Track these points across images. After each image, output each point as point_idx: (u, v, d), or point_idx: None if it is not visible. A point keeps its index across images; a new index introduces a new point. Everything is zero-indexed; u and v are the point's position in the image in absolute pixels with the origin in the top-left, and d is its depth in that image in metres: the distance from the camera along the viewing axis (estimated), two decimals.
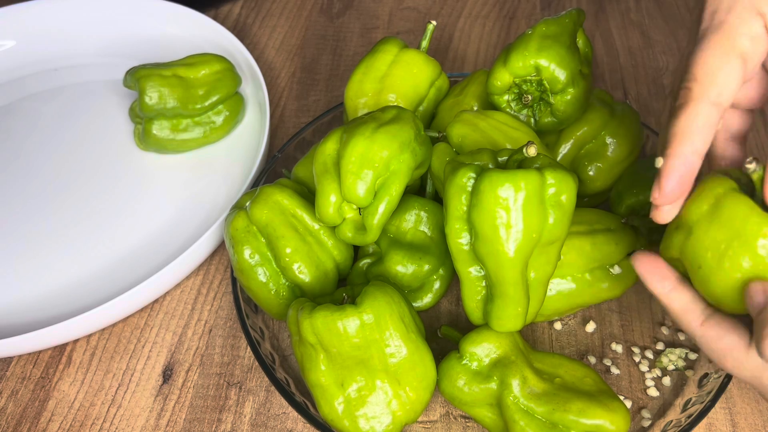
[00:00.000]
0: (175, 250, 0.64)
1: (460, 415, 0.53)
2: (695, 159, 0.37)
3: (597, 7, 0.87)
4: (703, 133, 0.37)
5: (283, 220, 0.53)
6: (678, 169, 0.37)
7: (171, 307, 0.61)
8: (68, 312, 0.60)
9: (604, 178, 0.59)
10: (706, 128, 0.37)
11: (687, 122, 0.37)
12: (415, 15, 0.88)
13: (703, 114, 0.37)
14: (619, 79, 0.78)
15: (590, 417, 0.45)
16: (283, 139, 0.74)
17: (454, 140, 0.54)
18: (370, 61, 0.61)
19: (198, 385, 0.56)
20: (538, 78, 0.55)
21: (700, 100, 0.37)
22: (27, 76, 0.81)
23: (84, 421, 0.55)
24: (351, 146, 0.49)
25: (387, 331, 0.47)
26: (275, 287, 0.53)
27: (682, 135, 0.37)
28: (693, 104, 0.37)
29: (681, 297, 0.40)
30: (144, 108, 0.66)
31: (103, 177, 0.70)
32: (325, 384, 0.47)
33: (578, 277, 0.53)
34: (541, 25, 0.56)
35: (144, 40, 0.82)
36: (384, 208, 0.49)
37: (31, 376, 0.58)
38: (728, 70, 0.37)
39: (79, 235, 0.66)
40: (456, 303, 0.60)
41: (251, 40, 0.86)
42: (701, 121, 0.37)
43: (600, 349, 0.56)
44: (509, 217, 0.42)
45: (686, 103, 0.37)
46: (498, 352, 0.48)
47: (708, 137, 0.37)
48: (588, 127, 0.58)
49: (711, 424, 0.52)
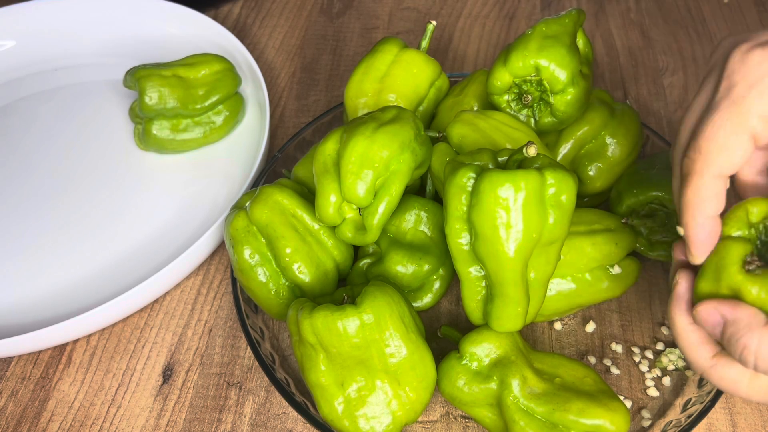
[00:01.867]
0: (175, 250, 0.64)
1: (460, 415, 0.53)
2: (711, 222, 0.39)
3: (597, 7, 0.87)
4: (711, 200, 0.38)
5: (283, 220, 0.53)
6: (699, 235, 0.39)
7: (171, 307, 0.61)
8: (68, 312, 0.60)
9: (604, 178, 0.59)
10: (713, 196, 0.38)
11: (693, 195, 0.38)
12: (415, 15, 0.88)
13: (707, 186, 0.38)
14: (619, 79, 0.78)
15: (590, 417, 0.45)
16: (283, 139, 0.74)
17: (454, 140, 0.54)
18: (370, 61, 0.61)
19: (198, 385, 0.56)
20: (538, 78, 0.55)
21: (703, 174, 0.38)
22: (27, 76, 0.81)
23: (84, 421, 0.55)
24: (351, 146, 0.49)
25: (387, 331, 0.47)
26: (275, 287, 0.53)
27: (693, 206, 0.39)
28: (696, 178, 0.38)
29: (696, 333, 0.40)
30: (144, 108, 0.66)
31: (102, 177, 0.70)
32: (325, 384, 0.47)
33: (578, 277, 0.53)
34: (541, 25, 0.56)
35: (144, 40, 0.82)
36: (384, 208, 0.49)
37: (31, 376, 0.58)
38: (735, 148, 0.37)
39: (78, 235, 0.66)
40: (456, 303, 0.60)
41: (251, 40, 0.86)
42: (706, 193, 0.38)
43: (600, 349, 0.56)
44: (509, 217, 0.42)
45: (690, 176, 0.39)
46: (498, 352, 0.48)
47: (718, 202, 0.39)
48: (588, 127, 0.58)
49: (711, 424, 0.52)
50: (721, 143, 0.37)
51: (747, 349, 0.35)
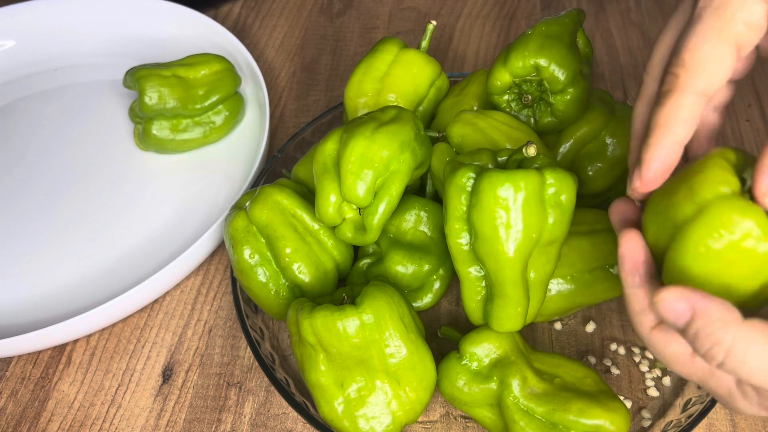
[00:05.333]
0: (175, 250, 0.64)
1: (460, 415, 0.53)
2: (677, 149, 0.36)
3: (597, 7, 0.87)
4: (687, 124, 0.36)
5: (283, 220, 0.53)
6: (659, 159, 0.36)
7: (171, 307, 0.61)
8: (68, 312, 0.60)
9: (604, 178, 0.59)
10: (690, 119, 0.36)
11: (671, 112, 0.36)
12: (415, 15, 0.88)
13: (689, 104, 0.35)
14: (619, 79, 0.78)
15: (590, 417, 0.45)
16: (283, 139, 0.74)
17: (454, 140, 0.54)
18: (370, 61, 0.61)
19: (198, 385, 0.56)
20: (538, 78, 0.55)
21: (686, 90, 0.35)
22: (27, 76, 0.81)
23: (84, 421, 0.55)
24: (351, 146, 0.49)
25: (387, 331, 0.47)
26: (275, 287, 0.53)
27: (666, 125, 0.36)
28: (678, 94, 0.36)
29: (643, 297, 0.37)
30: (144, 108, 0.66)
31: (102, 177, 0.70)
32: (325, 384, 0.47)
33: (578, 277, 0.53)
34: (541, 25, 0.56)
35: (144, 40, 0.82)
36: (384, 208, 0.49)
37: (31, 376, 0.58)
38: (720, 59, 0.35)
39: (78, 235, 0.66)
40: (456, 303, 0.60)
41: (251, 40, 0.86)
42: (686, 112, 0.36)
43: (600, 349, 0.56)
44: (509, 217, 0.42)
45: (672, 92, 0.36)
46: (498, 352, 0.48)
47: (691, 128, 0.36)
48: (588, 127, 0.58)
49: (711, 424, 0.52)
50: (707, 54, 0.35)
51: (719, 345, 0.32)
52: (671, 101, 0.36)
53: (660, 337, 0.36)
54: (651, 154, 0.36)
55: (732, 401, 0.36)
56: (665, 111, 0.36)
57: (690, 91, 0.35)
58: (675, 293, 0.33)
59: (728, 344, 0.32)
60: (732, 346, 0.32)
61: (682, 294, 0.33)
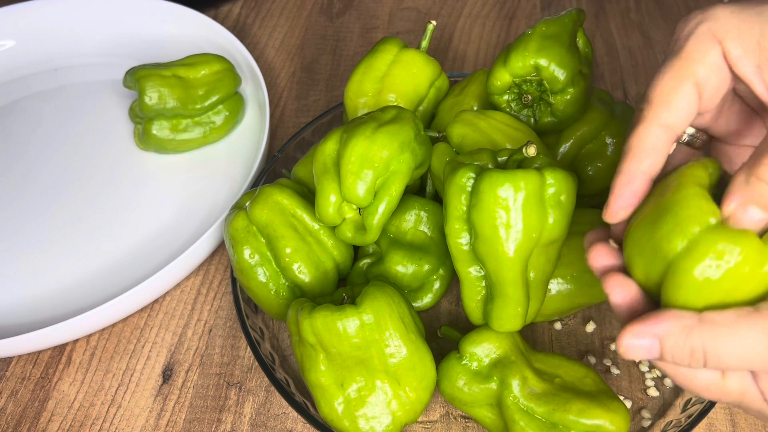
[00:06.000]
0: (175, 250, 0.64)
1: (460, 415, 0.53)
2: (643, 178, 0.38)
3: (597, 7, 0.87)
4: (651, 154, 0.38)
5: (283, 220, 0.53)
6: (626, 186, 0.38)
7: (171, 307, 0.61)
8: (68, 312, 0.60)
9: (604, 178, 0.59)
10: (654, 149, 0.38)
11: (636, 142, 0.38)
12: (415, 15, 0.88)
13: (653, 135, 0.38)
14: (619, 79, 0.78)
15: (590, 417, 0.45)
16: (283, 139, 0.74)
17: (454, 140, 0.54)
18: (370, 61, 0.61)
19: (198, 385, 0.56)
20: (538, 78, 0.55)
21: (650, 122, 0.38)
22: (27, 76, 0.81)
23: (84, 421, 0.55)
24: (351, 146, 0.49)
25: (387, 331, 0.47)
26: (275, 287, 0.53)
27: (631, 153, 0.38)
28: (644, 125, 0.38)
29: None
30: (144, 108, 0.66)
31: (102, 177, 0.70)
32: (325, 384, 0.47)
33: (578, 277, 0.53)
34: (541, 25, 0.56)
35: (144, 40, 0.82)
36: (384, 208, 0.49)
37: (31, 376, 0.58)
38: (681, 95, 0.38)
39: (78, 235, 0.66)
40: (456, 303, 0.60)
41: (251, 40, 0.86)
42: (650, 143, 0.38)
43: (600, 349, 0.56)
44: (509, 217, 0.42)
45: (638, 124, 0.39)
46: (498, 352, 0.48)
47: (657, 159, 0.38)
48: (588, 127, 0.58)
49: (711, 424, 0.52)
50: (667, 91, 0.38)
51: (696, 352, 0.33)
52: (637, 132, 0.38)
53: (683, 372, 0.37)
54: (618, 181, 0.38)
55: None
56: (632, 141, 0.39)
57: (655, 123, 0.38)
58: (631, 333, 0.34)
59: (699, 346, 0.33)
60: (703, 346, 0.33)
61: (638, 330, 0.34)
